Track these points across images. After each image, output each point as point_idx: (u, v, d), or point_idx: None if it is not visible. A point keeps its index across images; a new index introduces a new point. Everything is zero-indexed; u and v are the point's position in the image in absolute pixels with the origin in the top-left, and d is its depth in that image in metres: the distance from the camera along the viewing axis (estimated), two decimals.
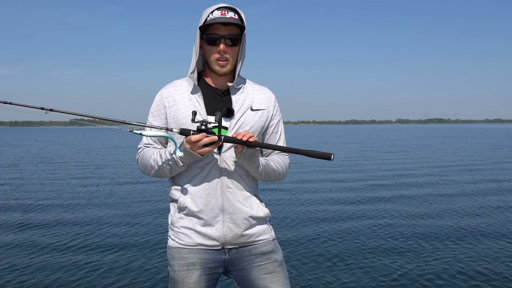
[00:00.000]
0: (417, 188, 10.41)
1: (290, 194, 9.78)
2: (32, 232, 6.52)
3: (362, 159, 18.93)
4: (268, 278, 1.99)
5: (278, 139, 2.08)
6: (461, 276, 4.60)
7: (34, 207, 8.50)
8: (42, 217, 7.53)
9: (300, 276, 4.65)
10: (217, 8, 1.89)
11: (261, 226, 2.03)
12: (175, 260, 1.95)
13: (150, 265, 5.03)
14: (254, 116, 1.99)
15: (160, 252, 5.49)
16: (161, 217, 7.42)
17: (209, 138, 1.76)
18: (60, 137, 57.64)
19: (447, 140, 38.14)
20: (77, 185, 11.66)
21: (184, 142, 1.81)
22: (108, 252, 5.54)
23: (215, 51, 1.92)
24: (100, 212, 7.97)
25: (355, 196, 9.36)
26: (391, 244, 5.71)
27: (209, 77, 2.01)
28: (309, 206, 8.32)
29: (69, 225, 6.96)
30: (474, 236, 6.05)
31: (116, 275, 4.73)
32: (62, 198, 9.56)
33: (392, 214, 7.49)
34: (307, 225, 6.78)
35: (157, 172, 1.95)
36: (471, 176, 12.73)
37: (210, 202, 1.93)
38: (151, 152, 1.99)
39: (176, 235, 1.97)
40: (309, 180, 12.08)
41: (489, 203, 8.43)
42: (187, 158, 1.83)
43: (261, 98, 2.04)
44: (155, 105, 2.02)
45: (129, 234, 6.40)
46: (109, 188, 11.05)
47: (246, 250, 2.00)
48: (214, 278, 1.99)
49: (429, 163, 16.66)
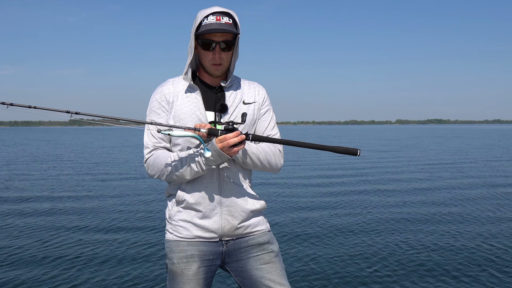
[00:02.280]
0: (401, 183, 10.52)
1: (277, 188, 9.84)
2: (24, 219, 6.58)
3: (352, 157, 19.09)
4: (265, 269, 2.03)
5: (267, 127, 2.08)
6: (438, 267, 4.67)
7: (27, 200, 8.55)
8: (33, 210, 7.59)
9: (295, 267, 4.71)
10: (212, 13, 1.91)
11: (257, 217, 2.09)
12: (174, 253, 1.99)
13: (148, 259, 5.07)
14: (247, 110, 2.04)
15: (157, 245, 5.55)
16: (155, 211, 7.48)
17: (239, 137, 1.78)
18: (77, 137, 57.59)
19: (442, 140, 38.25)
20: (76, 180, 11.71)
21: (214, 142, 1.81)
22: (103, 246, 5.59)
23: (210, 56, 1.95)
24: (94, 206, 8.01)
25: (343, 191, 9.43)
26: (380, 237, 5.78)
27: (204, 75, 2.06)
28: (298, 200, 8.38)
29: (61, 220, 7.02)
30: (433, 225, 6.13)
31: (111, 267, 4.77)
32: (53, 190, 9.61)
33: (378, 208, 7.57)
34: (296, 219, 6.84)
35: (174, 176, 1.93)
36: (451, 173, 12.83)
37: (208, 195, 1.97)
38: (166, 154, 1.96)
39: (174, 229, 2.01)
40: (301, 176, 12.15)
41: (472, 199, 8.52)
42: (215, 160, 1.84)
43: (251, 92, 2.09)
44: (156, 103, 2.01)
45: (124, 228, 6.45)
46: (102, 183, 11.10)
47: (243, 242, 2.04)
48: (212, 270, 2.03)
49: (416, 162, 16.81)
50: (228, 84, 2.04)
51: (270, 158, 2.01)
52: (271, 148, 2.02)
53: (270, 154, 2.01)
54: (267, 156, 2.00)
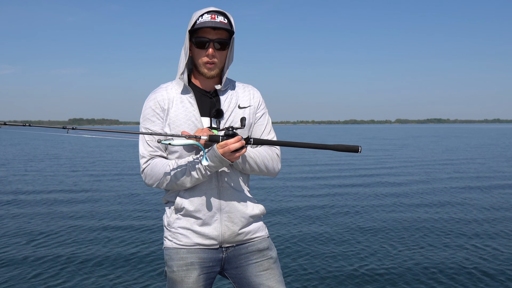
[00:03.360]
0: (394, 182, 10.53)
1: (273, 188, 9.85)
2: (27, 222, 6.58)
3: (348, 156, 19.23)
4: (264, 275, 2.03)
5: (264, 131, 2.07)
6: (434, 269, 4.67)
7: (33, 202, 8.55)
8: (36, 211, 7.59)
9: (292, 272, 4.71)
10: (207, 12, 1.90)
11: (257, 223, 2.08)
12: (173, 260, 1.97)
13: (145, 266, 5.06)
14: (243, 114, 2.02)
15: (154, 252, 5.54)
16: (150, 218, 7.47)
17: (240, 142, 1.77)
18: (76, 138, 57.56)
19: (438, 139, 38.26)
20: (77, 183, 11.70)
21: (215, 148, 1.79)
22: (99, 254, 5.57)
23: (204, 55, 1.93)
24: (90, 212, 8.00)
25: (332, 192, 9.44)
26: (377, 238, 5.79)
27: (198, 79, 2.03)
28: (294, 203, 8.38)
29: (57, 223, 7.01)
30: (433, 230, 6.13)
31: (107, 274, 4.76)
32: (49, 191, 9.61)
33: (368, 208, 7.57)
34: (290, 222, 6.84)
35: (174, 184, 1.91)
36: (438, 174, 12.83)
37: (207, 201, 1.95)
38: (164, 163, 1.93)
39: (173, 236, 1.99)
40: (297, 177, 12.15)
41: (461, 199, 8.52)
42: (216, 166, 1.82)
43: (246, 95, 2.07)
44: (150, 111, 1.98)
45: (121, 237, 6.43)
46: (97, 187, 11.09)
47: (243, 248, 2.03)
48: (211, 277, 2.03)
49: (409, 161, 16.84)
50: (222, 87, 2.02)
51: (267, 162, 2.00)
52: (268, 153, 2.01)
53: (267, 158, 2.00)
54: (264, 160, 1.99)
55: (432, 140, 37.94)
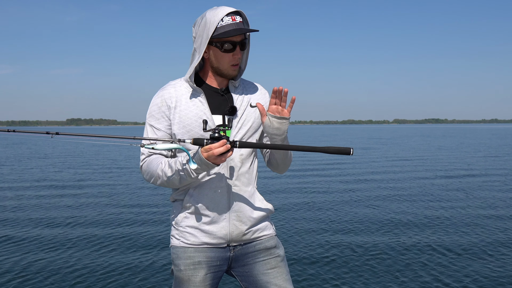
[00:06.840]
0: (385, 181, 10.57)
1: (271, 189, 9.86)
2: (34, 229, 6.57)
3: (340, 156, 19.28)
4: (271, 273, 2.02)
5: None
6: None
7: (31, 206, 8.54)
8: (40, 216, 7.58)
9: (299, 270, 4.71)
10: (226, 15, 1.86)
11: (265, 221, 2.07)
12: (180, 259, 1.96)
13: (152, 264, 5.06)
14: (254, 113, 2.01)
15: (161, 251, 5.54)
16: (159, 216, 7.47)
17: (225, 147, 1.70)
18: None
19: (430, 139, 38.40)
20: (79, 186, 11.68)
21: (199, 152, 1.74)
22: (106, 252, 5.58)
23: (230, 57, 1.91)
24: (98, 212, 8.00)
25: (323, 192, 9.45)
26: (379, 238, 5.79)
27: (208, 76, 1.99)
28: (297, 202, 8.39)
29: (63, 225, 7.01)
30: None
31: (117, 274, 4.75)
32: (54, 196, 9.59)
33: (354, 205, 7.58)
34: (295, 221, 6.85)
35: (165, 182, 1.88)
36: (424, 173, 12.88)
37: (216, 200, 1.93)
38: (158, 161, 1.91)
39: (181, 235, 1.97)
40: (295, 176, 12.16)
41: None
42: (202, 169, 1.76)
43: (257, 94, 2.07)
44: (156, 108, 1.94)
45: (128, 234, 6.43)
46: (103, 188, 11.08)
47: (250, 247, 2.02)
48: (218, 276, 2.02)
49: (397, 161, 16.90)
50: (236, 83, 2.01)
51: (291, 156, 2.09)
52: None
53: (291, 152, 2.06)
54: (291, 153, 2.09)
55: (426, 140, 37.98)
